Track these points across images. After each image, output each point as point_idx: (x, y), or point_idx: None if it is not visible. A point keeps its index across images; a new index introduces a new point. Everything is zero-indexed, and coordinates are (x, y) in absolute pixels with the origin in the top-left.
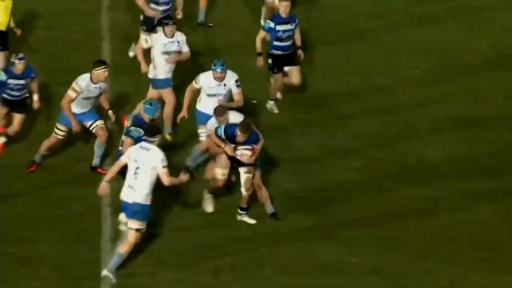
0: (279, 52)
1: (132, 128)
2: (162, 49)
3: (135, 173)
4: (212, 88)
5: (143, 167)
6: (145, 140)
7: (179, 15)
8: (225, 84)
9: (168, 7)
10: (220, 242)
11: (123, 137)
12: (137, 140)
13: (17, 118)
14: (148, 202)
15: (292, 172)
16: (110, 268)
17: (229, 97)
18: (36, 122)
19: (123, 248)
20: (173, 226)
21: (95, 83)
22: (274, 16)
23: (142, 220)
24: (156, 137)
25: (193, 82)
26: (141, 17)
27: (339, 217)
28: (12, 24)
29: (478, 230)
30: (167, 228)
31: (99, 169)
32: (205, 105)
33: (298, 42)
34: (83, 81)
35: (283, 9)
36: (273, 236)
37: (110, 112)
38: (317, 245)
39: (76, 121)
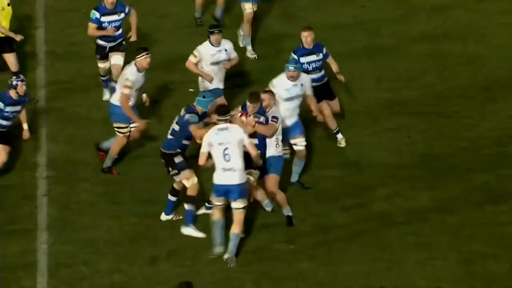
0: (312, 84)
1: (187, 115)
2: (211, 60)
3: (225, 154)
4: (289, 90)
5: (231, 146)
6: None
7: (133, 38)
8: (302, 84)
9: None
10: (157, 230)
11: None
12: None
13: (5, 149)
14: (246, 179)
15: None
16: (231, 250)
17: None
18: None
19: (237, 229)
20: (109, 214)
21: (141, 72)
22: (297, 48)
23: (245, 197)
24: (228, 115)
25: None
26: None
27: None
28: None
29: (415, 217)
30: (103, 216)
31: (101, 153)
32: (285, 113)
33: (334, 68)
34: (132, 75)
35: (304, 39)
36: (210, 224)
37: (145, 95)
38: (253, 232)
39: (138, 117)
